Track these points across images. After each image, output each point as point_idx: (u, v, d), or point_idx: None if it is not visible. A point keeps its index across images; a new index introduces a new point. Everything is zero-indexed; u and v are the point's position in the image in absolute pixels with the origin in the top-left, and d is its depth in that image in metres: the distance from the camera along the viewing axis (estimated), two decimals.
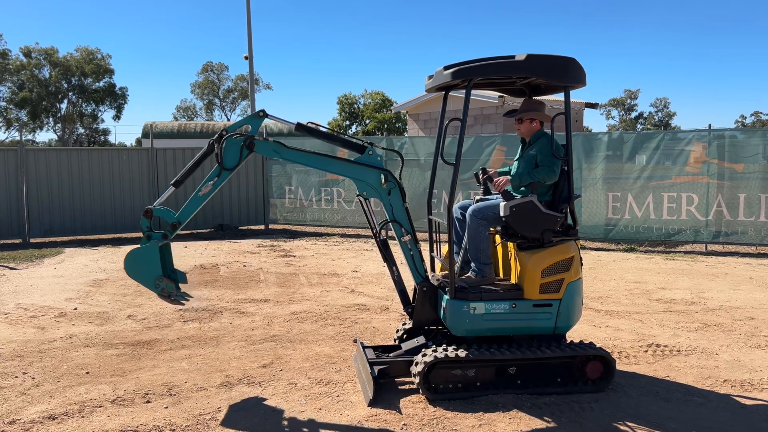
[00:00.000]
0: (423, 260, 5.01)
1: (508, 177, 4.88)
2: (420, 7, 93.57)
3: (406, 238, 4.91)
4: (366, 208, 5.12)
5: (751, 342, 6.03)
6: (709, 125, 11.70)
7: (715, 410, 4.48)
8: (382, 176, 4.83)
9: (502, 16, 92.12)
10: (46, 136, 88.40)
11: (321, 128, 5.06)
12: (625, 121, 64.45)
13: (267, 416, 4.37)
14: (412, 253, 4.93)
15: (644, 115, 65.73)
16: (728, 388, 4.90)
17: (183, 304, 4.91)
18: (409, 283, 5.10)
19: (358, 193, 4.98)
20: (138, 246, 4.76)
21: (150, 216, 4.75)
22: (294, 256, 11.34)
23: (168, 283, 4.70)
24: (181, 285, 4.83)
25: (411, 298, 5.12)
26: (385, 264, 5.10)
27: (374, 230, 5.09)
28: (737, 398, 4.70)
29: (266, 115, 4.92)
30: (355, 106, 46.66)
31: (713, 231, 11.52)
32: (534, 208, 4.69)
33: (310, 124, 4.97)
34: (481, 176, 5.41)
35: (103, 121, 53.73)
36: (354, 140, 5.03)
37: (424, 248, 5.15)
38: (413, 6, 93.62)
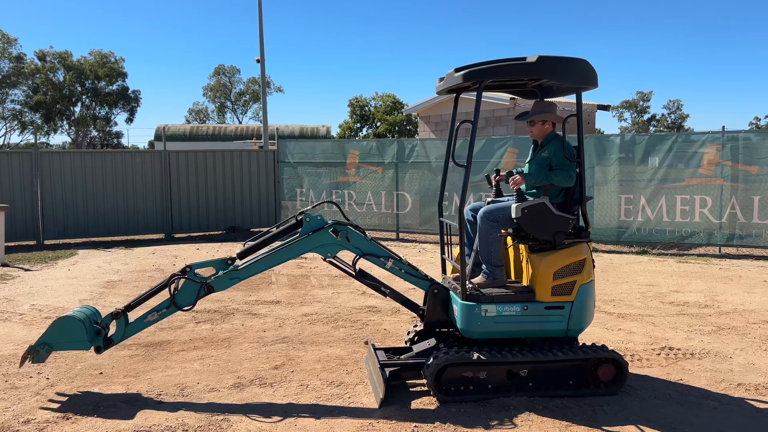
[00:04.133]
0: (416, 268, 5.04)
1: (524, 176, 4.86)
2: (431, 9, 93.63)
3: (389, 264, 4.96)
4: (337, 263, 5.11)
5: (766, 345, 5.97)
6: (723, 127, 11.62)
7: (729, 414, 4.44)
8: (331, 231, 4.88)
9: (513, 18, 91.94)
10: (60, 138, 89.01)
11: (258, 239, 5.21)
12: (638, 124, 64.06)
13: (278, 417, 4.39)
14: (403, 270, 4.98)
15: (657, 117, 65.32)
16: (742, 391, 4.86)
17: (20, 365, 4.80)
18: (408, 288, 5.09)
19: (324, 259, 5.00)
20: (89, 320, 4.74)
21: (117, 317, 4.82)
22: (305, 258, 11.37)
23: (45, 356, 4.70)
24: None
25: (423, 301, 5.12)
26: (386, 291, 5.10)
27: (350, 272, 5.08)
28: (751, 402, 4.66)
29: (233, 261, 5.02)
30: (366, 108, 46.70)
31: (727, 233, 11.42)
32: (546, 210, 4.68)
33: (248, 244, 5.15)
34: (494, 178, 5.38)
35: (116, 124, 54.11)
36: (287, 223, 5.17)
37: (436, 250, 5.15)
38: (424, 8, 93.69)
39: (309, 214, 4.98)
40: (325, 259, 5.01)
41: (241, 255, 5.11)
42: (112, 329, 4.92)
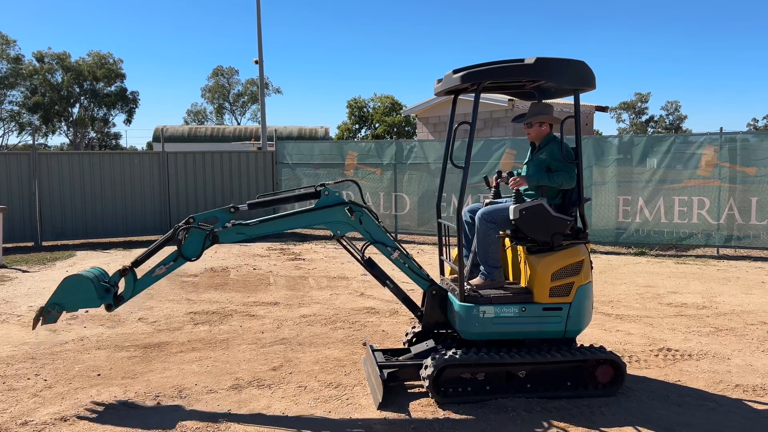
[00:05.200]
0: (420, 266, 5.03)
1: (525, 177, 4.86)
2: (430, 10, 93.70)
3: (395, 255, 4.95)
4: (346, 245, 5.10)
5: (764, 346, 5.98)
6: (721, 128, 11.62)
7: (726, 415, 4.45)
8: (347, 210, 4.85)
9: (511, 19, 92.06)
10: (58, 140, 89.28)
11: (272, 196, 5.14)
12: (636, 125, 64.14)
13: (277, 419, 4.38)
14: (407, 265, 4.98)
15: (655, 119, 65.40)
16: (740, 392, 4.87)
17: (33, 327, 4.76)
18: (408, 288, 5.10)
19: (333, 236, 4.98)
20: (97, 278, 4.70)
21: (125, 274, 4.78)
22: (303, 260, 11.37)
23: (57, 315, 4.68)
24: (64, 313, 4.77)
25: (421, 302, 5.13)
26: (387, 281, 5.10)
27: (358, 258, 5.08)
28: (749, 403, 4.67)
29: (237, 210, 4.94)
30: (365, 109, 46.69)
31: (725, 235, 11.44)
32: (544, 212, 4.68)
33: (258, 198, 5.07)
34: (494, 178, 5.38)
35: (114, 125, 54.13)
36: (305, 191, 5.09)
37: (434, 251, 5.16)
38: (423, 9, 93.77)
39: (329, 188, 4.93)
40: (333, 236, 4.99)
41: (251, 206, 5.03)
42: (122, 287, 4.85)
